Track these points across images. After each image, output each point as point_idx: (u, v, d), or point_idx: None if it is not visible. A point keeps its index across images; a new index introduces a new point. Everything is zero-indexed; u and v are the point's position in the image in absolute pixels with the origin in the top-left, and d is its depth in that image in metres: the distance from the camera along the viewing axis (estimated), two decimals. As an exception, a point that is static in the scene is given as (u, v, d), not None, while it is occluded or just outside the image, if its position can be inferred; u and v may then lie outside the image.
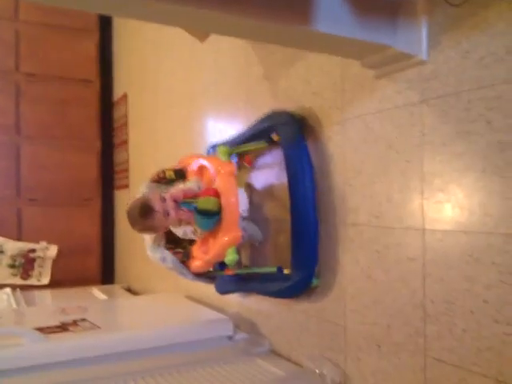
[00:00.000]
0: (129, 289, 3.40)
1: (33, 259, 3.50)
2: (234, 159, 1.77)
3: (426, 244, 1.15)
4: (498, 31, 1.00)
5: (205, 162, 1.70)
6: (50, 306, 2.68)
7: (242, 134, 1.81)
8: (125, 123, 3.65)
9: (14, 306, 2.57)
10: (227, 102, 2.11)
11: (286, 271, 1.54)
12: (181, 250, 1.72)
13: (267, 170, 1.78)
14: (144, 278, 3.20)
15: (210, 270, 1.76)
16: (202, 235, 1.64)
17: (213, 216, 1.55)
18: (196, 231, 1.63)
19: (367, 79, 1.33)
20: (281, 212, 1.67)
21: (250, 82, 1.90)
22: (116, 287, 3.46)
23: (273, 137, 1.62)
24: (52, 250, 3.56)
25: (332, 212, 1.45)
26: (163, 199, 1.54)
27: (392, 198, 1.25)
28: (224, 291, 1.91)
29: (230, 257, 1.57)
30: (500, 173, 0.99)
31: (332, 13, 1.04)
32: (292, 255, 1.51)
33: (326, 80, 1.49)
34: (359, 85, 1.36)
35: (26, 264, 3.48)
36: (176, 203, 1.55)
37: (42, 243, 3.56)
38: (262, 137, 1.67)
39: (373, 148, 1.31)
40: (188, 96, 2.52)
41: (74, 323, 1.87)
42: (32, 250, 3.51)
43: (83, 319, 1.92)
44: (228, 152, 1.73)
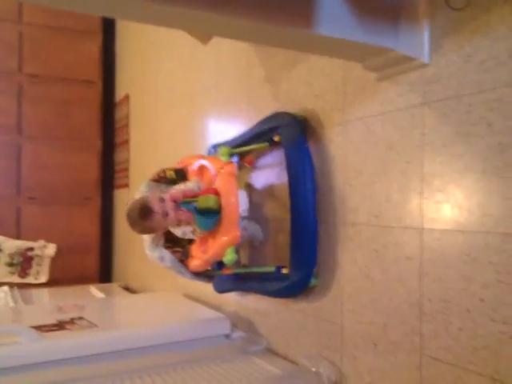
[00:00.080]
0: (127, 287, 3.39)
1: (31, 258, 3.50)
2: (235, 159, 1.78)
3: (424, 243, 1.16)
4: (500, 35, 1.01)
5: (205, 162, 1.70)
6: (48, 305, 2.67)
7: (244, 135, 1.82)
8: (126, 124, 3.66)
9: (12, 305, 2.56)
10: (228, 104, 2.12)
11: (285, 271, 1.54)
12: (179, 249, 1.72)
13: (267, 170, 1.78)
14: (142, 277, 3.20)
15: (209, 269, 1.76)
16: (201, 235, 1.64)
17: (213, 215, 1.55)
18: (195, 231, 1.63)
19: (369, 82, 1.34)
20: (280, 212, 1.67)
21: (252, 84, 1.91)
22: (114, 286, 3.46)
23: (274, 138, 1.62)
24: (50, 249, 3.56)
25: (332, 212, 1.46)
26: (162, 200, 1.54)
27: (391, 198, 1.26)
28: (222, 290, 1.91)
29: (229, 257, 1.57)
30: (500, 173, 1.00)
31: (334, 16, 1.04)
32: (291, 255, 1.52)
33: (328, 82, 1.50)
34: (361, 87, 1.37)
35: (24, 262, 3.48)
36: (175, 203, 1.55)
37: (41, 242, 3.56)
38: (264, 138, 1.68)
39: (374, 149, 1.32)
40: (189, 97, 2.53)
41: (72, 321, 1.87)
42: (30, 249, 3.51)
43: (80, 317, 1.92)
44: (229, 152, 1.73)
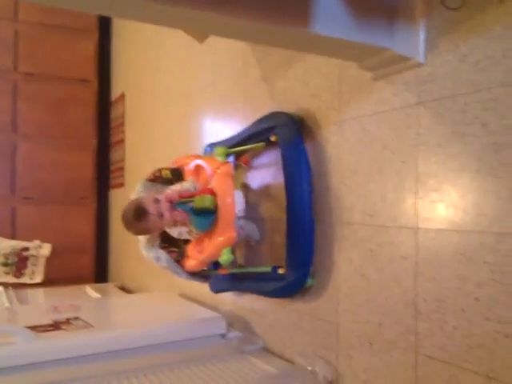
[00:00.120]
0: (122, 287, 3.39)
1: (26, 258, 3.49)
2: (231, 159, 1.78)
3: (419, 243, 1.16)
4: (495, 34, 1.01)
5: (201, 162, 1.69)
6: (43, 305, 2.66)
7: (240, 134, 1.81)
8: (122, 123, 3.66)
9: (7, 305, 2.55)
10: (225, 103, 2.12)
11: (281, 271, 1.54)
12: (175, 249, 1.71)
13: (264, 170, 1.78)
14: (138, 277, 3.19)
15: (205, 269, 1.75)
16: (198, 235, 1.63)
17: (209, 215, 1.54)
18: (191, 231, 1.62)
19: (365, 81, 1.34)
20: (277, 212, 1.67)
21: (248, 83, 1.91)
22: (110, 286, 3.45)
23: (271, 137, 1.62)
24: (45, 249, 3.55)
25: (328, 211, 1.46)
26: (157, 201, 1.52)
27: (386, 198, 1.26)
28: (218, 290, 1.91)
29: (225, 257, 1.57)
30: (494, 173, 1.00)
31: (330, 15, 1.04)
32: (287, 255, 1.52)
33: (324, 82, 1.50)
34: (357, 87, 1.38)
35: (19, 262, 3.47)
36: (171, 204, 1.54)
37: (36, 242, 3.55)
38: (260, 137, 1.68)
39: (369, 148, 1.32)
40: (185, 96, 2.53)
41: (67, 322, 1.86)
42: (25, 249, 3.50)
43: (76, 317, 1.92)
44: (225, 152, 1.73)
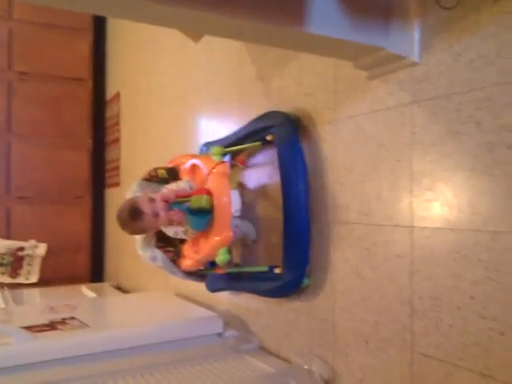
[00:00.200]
0: (118, 287, 3.39)
1: (21, 257, 3.48)
2: (227, 159, 1.77)
3: (415, 241, 1.16)
4: (489, 34, 1.01)
5: (197, 162, 1.69)
6: (39, 305, 2.66)
7: (236, 134, 1.81)
8: (117, 122, 3.65)
9: (2, 305, 2.55)
10: (220, 102, 2.11)
11: (278, 270, 1.54)
12: (171, 249, 1.71)
13: (260, 170, 1.78)
14: (134, 276, 3.19)
15: (201, 269, 1.75)
16: (194, 235, 1.63)
17: (205, 215, 1.54)
18: (187, 231, 1.62)
19: (360, 80, 1.34)
20: (273, 211, 1.67)
21: (243, 82, 1.91)
22: (106, 285, 3.45)
23: (267, 137, 1.62)
24: (41, 249, 3.54)
25: (324, 210, 1.46)
26: (152, 200, 1.52)
27: (381, 197, 1.26)
28: (215, 289, 1.91)
29: (221, 257, 1.57)
30: (489, 172, 1.00)
31: (325, 15, 1.04)
32: (284, 255, 1.52)
33: (319, 81, 1.50)
34: (352, 86, 1.38)
35: (15, 262, 3.46)
36: (166, 203, 1.54)
37: (31, 241, 3.55)
38: (256, 137, 1.68)
39: (364, 147, 1.33)
40: (180, 95, 2.52)
41: (63, 322, 1.86)
42: (21, 249, 3.49)
43: (72, 317, 1.92)
44: (221, 152, 1.72)
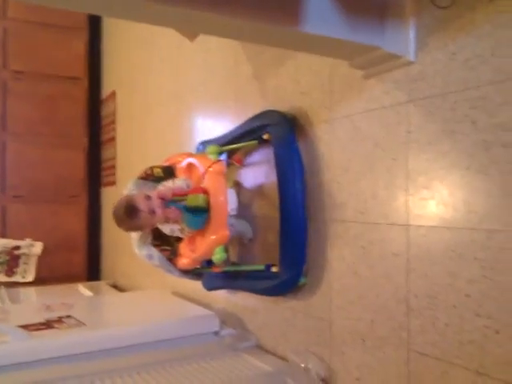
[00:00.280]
0: (115, 285, 3.39)
1: (17, 256, 3.47)
2: (224, 157, 1.77)
3: (410, 240, 1.17)
4: (484, 33, 1.02)
5: (194, 161, 1.69)
6: (35, 303, 2.66)
7: (233, 132, 1.81)
8: (113, 121, 3.64)
9: (-1, 304, 2.56)
10: (216, 101, 2.11)
11: (275, 269, 1.54)
12: (168, 248, 1.71)
13: (256, 168, 1.78)
14: (130, 275, 3.19)
15: (198, 267, 1.75)
16: (190, 233, 1.63)
17: (202, 213, 1.54)
18: (183, 230, 1.62)
19: (355, 79, 1.35)
20: (270, 210, 1.68)
21: (240, 81, 1.91)
22: (102, 284, 3.45)
23: (264, 136, 1.62)
24: (37, 247, 3.53)
25: (320, 209, 1.47)
26: (148, 197, 1.52)
27: (377, 195, 1.27)
28: (211, 288, 1.91)
29: (218, 256, 1.57)
30: (484, 171, 1.01)
31: (321, 14, 1.04)
32: (280, 253, 1.52)
33: (315, 80, 1.50)
34: (348, 85, 1.38)
35: (11, 261, 3.45)
36: (163, 201, 1.53)
37: (27, 240, 3.53)
38: (253, 136, 1.68)
39: (360, 146, 1.33)
40: (177, 94, 2.52)
41: (60, 320, 1.86)
42: (17, 247, 3.49)
43: (68, 316, 1.92)
44: (217, 151, 1.72)
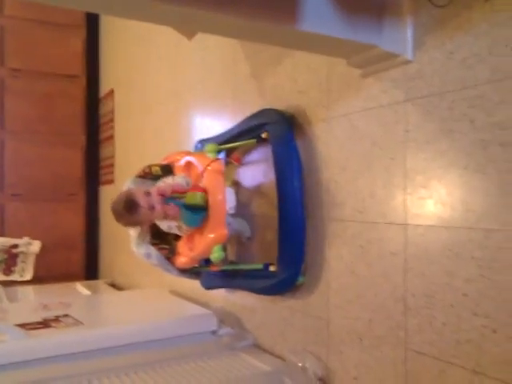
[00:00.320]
0: (113, 284, 3.39)
1: (15, 255, 3.47)
2: (222, 156, 1.77)
3: (408, 239, 1.17)
4: (482, 32, 1.02)
5: (192, 159, 1.69)
6: (33, 302, 2.65)
7: (231, 131, 1.81)
8: (111, 119, 3.64)
9: (-4, 303, 2.55)
10: (214, 99, 2.11)
11: (273, 268, 1.54)
12: (166, 247, 1.71)
13: (255, 167, 1.78)
14: (128, 274, 3.19)
15: (196, 266, 1.75)
16: (188, 231, 1.63)
17: (200, 211, 1.54)
18: (181, 227, 1.62)
19: (353, 78, 1.34)
20: (268, 208, 1.67)
21: (238, 80, 1.91)
22: (100, 283, 3.45)
23: (262, 134, 1.62)
24: (35, 246, 3.53)
25: (318, 208, 1.47)
26: (148, 193, 1.52)
27: (375, 194, 1.27)
28: (209, 286, 1.91)
29: (216, 254, 1.57)
30: (482, 170, 1.01)
31: (318, 12, 1.04)
32: (279, 252, 1.52)
33: (313, 78, 1.50)
34: (345, 83, 1.38)
35: (9, 260, 3.45)
36: (162, 197, 1.53)
37: (25, 239, 3.53)
38: (251, 134, 1.67)
39: (358, 145, 1.33)
40: (175, 93, 2.52)
41: (57, 319, 1.86)
42: (15, 246, 3.48)
43: (66, 315, 1.92)
44: (216, 149, 1.72)
